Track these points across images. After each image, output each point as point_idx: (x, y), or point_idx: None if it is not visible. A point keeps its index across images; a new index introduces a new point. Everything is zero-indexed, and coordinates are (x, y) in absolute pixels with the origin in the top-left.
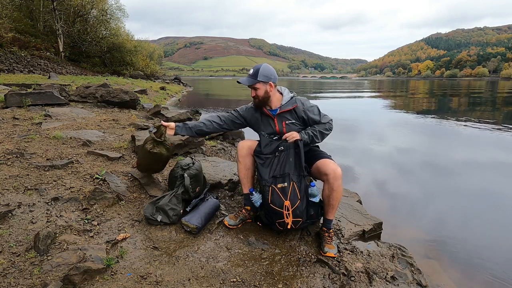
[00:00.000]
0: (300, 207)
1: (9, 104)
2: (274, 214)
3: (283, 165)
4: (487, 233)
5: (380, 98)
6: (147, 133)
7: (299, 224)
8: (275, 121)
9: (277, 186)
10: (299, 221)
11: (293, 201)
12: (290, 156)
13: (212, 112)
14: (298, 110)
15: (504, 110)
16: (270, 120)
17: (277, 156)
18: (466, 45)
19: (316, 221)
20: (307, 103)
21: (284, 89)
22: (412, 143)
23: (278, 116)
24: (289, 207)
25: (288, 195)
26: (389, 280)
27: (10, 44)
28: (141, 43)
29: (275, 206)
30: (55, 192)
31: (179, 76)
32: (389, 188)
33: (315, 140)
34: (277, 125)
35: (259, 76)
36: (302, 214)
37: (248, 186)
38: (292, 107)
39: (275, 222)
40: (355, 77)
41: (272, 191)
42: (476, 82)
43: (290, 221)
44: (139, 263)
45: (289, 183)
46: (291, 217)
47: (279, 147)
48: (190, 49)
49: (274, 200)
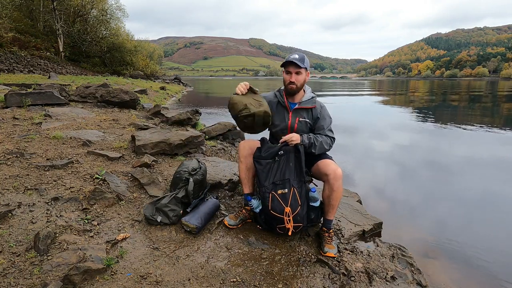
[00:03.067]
0: (300, 213)
1: (9, 104)
2: (275, 220)
3: (283, 171)
4: (487, 233)
5: (379, 96)
6: (147, 133)
7: (299, 229)
8: (290, 114)
9: (277, 193)
10: (299, 226)
11: (293, 207)
12: (291, 161)
13: (212, 112)
14: (315, 111)
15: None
16: (286, 112)
17: (277, 161)
18: (466, 45)
19: (317, 223)
20: (324, 108)
21: (308, 88)
22: (412, 143)
23: (295, 110)
24: (290, 213)
25: (288, 201)
26: (389, 280)
27: (10, 44)
28: (141, 43)
29: (276, 213)
30: (55, 192)
31: (179, 76)
32: (389, 188)
33: (312, 149)
34: (291, 119)
35: (305, 62)
36: (302, 220)
37: (248, 187)
38: (311, 106)
39: (275, 227)
40: (355, 77)
41: (273, 198)
42: (476, 82)
43: (291, 226)
44: (139, 263)
45: (290, 189)
46: (291, 223)
47: (279, 151)
48: (190, 49)
49: (275, 207)
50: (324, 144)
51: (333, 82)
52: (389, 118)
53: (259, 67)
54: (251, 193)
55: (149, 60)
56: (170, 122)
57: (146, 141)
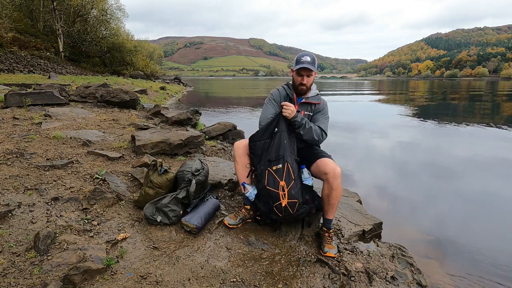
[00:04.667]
0: (294, 187)
1: (9, 104)
2: (271, 197)
3: (277, 148)
4: (487, 233)
5: (379, 95)
6: (147, 133)
7: (296, 207)
8: (295, 108)
9: (272, 168)
10: (295, 203)
11: (287, 181)
12: (285, 138)
13: (212, 112)
14: (319, 107)
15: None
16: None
17: (273, 139)
18: (466, 45)
19: (312, 207)
20: (327, 108)
21: (313, 85)
22: (412, 142)
23: (301, 104)
24: (285, 187)
25: (283, 176)
26: (389, 280)
27: (10, 44)
28: (141, 43)
29: (271, 188)
30: (55, 192)
31: (179, 76)
32: (389, 188)
33: (300, 130)
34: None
35: (315, 64)
36: (297, 195)
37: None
38: (316, 102)
39: (272, 207)
40: (355, 77)
41: (268, 174)
42: (476, 82)
43: (285, 202)
44: (139, 263)
45: (284, 165)
46: (286, 197)
47: (274, 128)
48: (190, 49)
49: (270, 182)
50: (313, 132)
51: (334, 82)
52: (389, 118)
53: (259, 67)
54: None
55: (149, 60)
56: (170, 122)
57: (146, 141)
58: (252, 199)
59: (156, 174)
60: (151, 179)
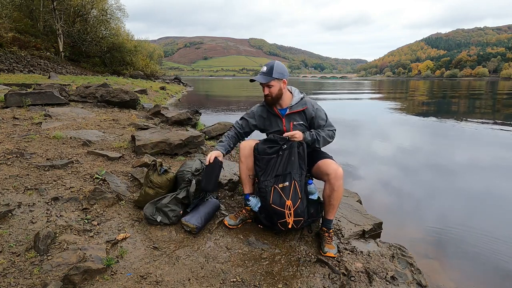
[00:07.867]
0: (301, 206)
1: (9, 104)
2: (276, 214)
3: (285, 164)
4: (487, 232)
5: (378, 94)
6: (147, 133)
7: (300, 224)
8: (283, 121)
9: (278, 186)
10: (301, 221)
11: (294, 201)
12: (293, 156)
13: (212, 112)
14: (308, 112)
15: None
16: (278, 120)
17: (280, 155)
18: (466, 45)
19: (317, 219)
20: (316, 106)
21: (295, 89)
22: (412, 142)
23: (287, 116)
24: (291, 206)
25: (289, 195)
26: (389, 280)
27: (10, 44)
28: (141, 43)
29: (276, 206)
30: (55, 192)
31: (179, 76)
32: (389, 188)
33: (316, 144)
34: (285, 125)
35: (274, 73)
36: (303, 213)
37: (248, 187)
38: (302, 109)
39: (276, 222)
40: (355, 77)
41: (274, 191)
42: (476, 82)
43: (291, 220)
44: (139, 263)
45: (290, 182)
46: (292, 216)
47: (283, 146)
48: (190, 49)
49: (276, 200)
50: (327, 137)
51: (334, 82)
52: (387, 117)
53: (259, 67)
54: (251, 193)
55: (149, 60)
56: (170, 122)
57: (146, 141)
58: (256, 210)
59: (156, 174)
60: (151, 179)
